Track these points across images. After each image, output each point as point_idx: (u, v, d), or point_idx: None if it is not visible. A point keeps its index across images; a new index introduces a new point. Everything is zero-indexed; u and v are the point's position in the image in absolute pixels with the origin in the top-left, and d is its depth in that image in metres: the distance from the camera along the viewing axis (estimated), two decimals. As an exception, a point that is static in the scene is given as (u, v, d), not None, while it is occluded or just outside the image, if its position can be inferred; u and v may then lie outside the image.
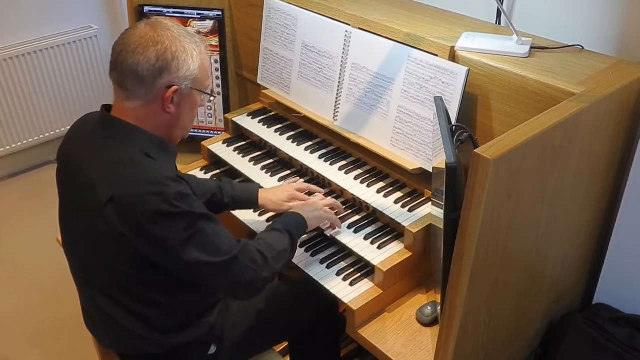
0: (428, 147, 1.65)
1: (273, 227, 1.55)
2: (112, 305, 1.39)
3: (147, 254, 1.30)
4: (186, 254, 1.28)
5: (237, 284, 1.38)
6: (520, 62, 1.55)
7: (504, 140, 1.15)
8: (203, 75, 1.39)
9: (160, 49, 1.30)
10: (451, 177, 1.23)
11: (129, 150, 1.32)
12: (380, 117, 1.76)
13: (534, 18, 1.79)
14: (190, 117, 1.43)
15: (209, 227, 1.32)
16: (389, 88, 1.73)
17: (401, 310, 1.59)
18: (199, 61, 1.36)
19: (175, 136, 1.43)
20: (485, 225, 1.18)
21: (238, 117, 2.11)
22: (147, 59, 1.29)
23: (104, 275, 1.38)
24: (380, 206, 1.67)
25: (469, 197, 1.15)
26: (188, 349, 1.48)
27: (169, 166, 1.38)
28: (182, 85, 1.34)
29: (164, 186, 1.26)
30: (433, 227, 1.58)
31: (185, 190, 1.29)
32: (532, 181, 1.26)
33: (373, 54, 1.76)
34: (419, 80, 1.65)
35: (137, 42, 1.30)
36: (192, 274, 1.34)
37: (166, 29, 1.33)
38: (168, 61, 1.31)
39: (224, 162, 2.03)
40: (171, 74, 1.32)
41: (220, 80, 2.29)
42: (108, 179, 1.29)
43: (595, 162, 1.47)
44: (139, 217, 1.24)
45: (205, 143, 2.09)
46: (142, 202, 1.24)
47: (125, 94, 1.34)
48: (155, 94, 1.33)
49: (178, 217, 1.26)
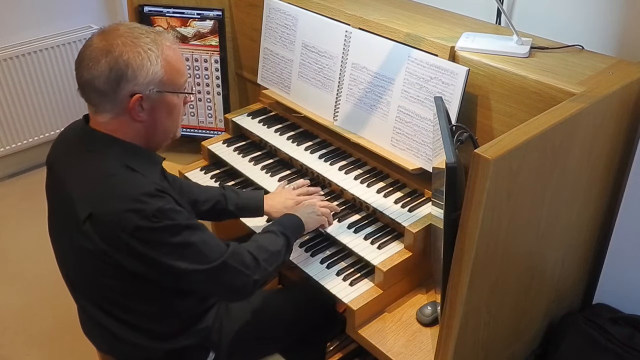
0: (428, 147, 1.65)
1: (268, 228, 1.54)
2: (103, 315, 1.37)
3: (132, 268, 1.27)
4: (173, 265, 1.26)
5: (228, 288, 1.37)
6: (520, 62, 1.55)
7: (504, 140, 1.15)
8: (171, 75, 1.30)
9: (110, 60, 1.23)
10: (451, 177, 1.23)
11: (108, 163, 1.28)
12: (380, 117, 1.76)
13: (534, 18, 1.79)
14: (170, 120, 1.36)
15: (195, 236, 1.29)
16: (389, 88, 1.73)
17: (401, 310, 1.59)
18: (160, 62, 1.27)
19: (157, 142, 1.38)
20: (485, 225, 1.18)
21: (238, 117, 2.11)
22: (101, 72, 1.24)
23: (92, 288, 1.36)
24: (380, 206, 1.67)
25: (469, 197, 1.15)
26: (185, 354, 1.47)
27: (152, 177, 1.32)
28: (146, 91, 1.27)
29: (143, 203, 1.22)
30: (433, 227, 1.58)
31: (165, 205, 1.24)
32: (532, 181, 1.26)
33: (373, 54, 1.76)
34: (419, 80, 1.65)
35: (89, 55, 1.25)
36: (182, 282, 1.33)
37: (118, 36, 1.26)
38: (122, 70, 1.24)
39: (224, 162, 2.03)
40: (129, 82, 1.25)
41: (220, 80, 2.29)
42: (86, 194, 1.26)
43: (595, 162, 1.47)
44: (120, 233, 1.21)
45: (205, 143, 2.09)
46: (120, 220, 1.21)
47: (94, 108, 1.30)
48: (121, 105, 1.27)
49: (160, 230, 1.23)
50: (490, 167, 1.10)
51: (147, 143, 1.35)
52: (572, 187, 1.43)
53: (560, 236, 1.50)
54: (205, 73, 2.28)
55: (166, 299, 1.37)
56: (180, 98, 1.36)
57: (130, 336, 1.38)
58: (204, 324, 1.47)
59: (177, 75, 1.32)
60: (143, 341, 1.39)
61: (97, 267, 1.30)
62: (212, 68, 2.26)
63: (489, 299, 1.36)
